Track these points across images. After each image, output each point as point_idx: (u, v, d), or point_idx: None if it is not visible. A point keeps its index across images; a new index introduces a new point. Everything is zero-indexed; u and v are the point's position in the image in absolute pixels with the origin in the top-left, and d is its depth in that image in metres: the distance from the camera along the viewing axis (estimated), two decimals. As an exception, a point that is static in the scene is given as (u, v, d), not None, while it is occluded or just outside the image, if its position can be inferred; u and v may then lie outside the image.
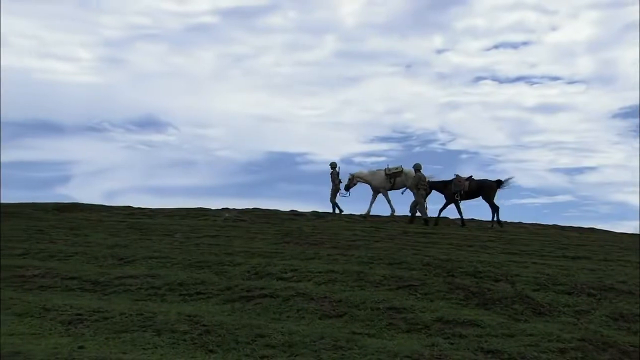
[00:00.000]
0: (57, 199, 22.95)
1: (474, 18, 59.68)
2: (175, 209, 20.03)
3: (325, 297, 7.87)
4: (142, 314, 7.00)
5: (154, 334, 6.42)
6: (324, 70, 65.70)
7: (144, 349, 6.00)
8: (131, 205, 21.22)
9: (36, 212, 17.19)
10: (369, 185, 21.07)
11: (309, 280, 8.98)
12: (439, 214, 18.97)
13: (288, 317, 7.30)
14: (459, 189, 18.53)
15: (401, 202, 32.85)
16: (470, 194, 18.70)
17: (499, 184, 18.65)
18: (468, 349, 6.12)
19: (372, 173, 21.12)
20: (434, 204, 20.70)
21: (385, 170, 20.69)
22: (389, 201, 20.89)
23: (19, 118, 64.42)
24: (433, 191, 19.26)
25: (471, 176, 18.95)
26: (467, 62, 57.26)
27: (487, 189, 18.59)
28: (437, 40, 61.94)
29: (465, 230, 16.70)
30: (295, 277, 9.15)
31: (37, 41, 63.28)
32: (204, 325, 6.60)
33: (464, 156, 53.23)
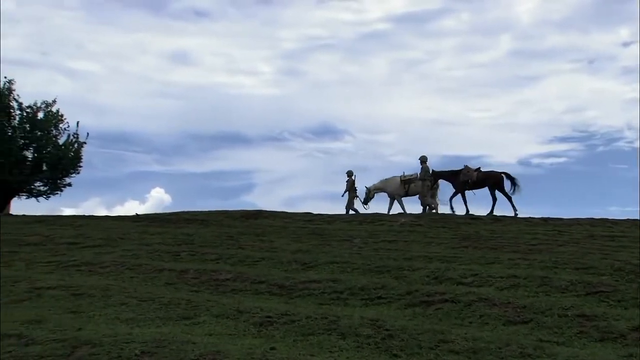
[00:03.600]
0: (242, 206, 24.49)
1: (668, 5, 54.86)
2: (352, 215, 20.49)
3: (509, 303, 7.66)
4: (326, 318, 7.23)
5: (339, 337, 6.61)
6: (498, 71, 63.99)
7: (330, 351, 6.20)
8: (311, 211, 22.09)
9: (226, 219, 18.38)
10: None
11: (491, 285, 8.80)
12: (465, 204, 20.38)
13: (471, 322, 7.21)
14: (467, 179, 19.84)
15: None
16: (477, 184, 20.06)
17: (507, 176, 19.86)
18: (671, 361, 5.66)
19: (386, 180, 22.28)
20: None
21: (400, 177, 21.65)
22: (402, 207, 21.71)
23: (210, 131, 69.59)
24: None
25: (479, 168, 20.42)
26: (659, 53, 52.84)
27: (492, 180, 19.88)
28: (624, 33, 57.84)
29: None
30: (476, 282, 9.00)
31: (226, 58, 68.11)
32: (386, 330, 6.69)
33: (655, 154, 49.09)
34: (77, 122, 30.78)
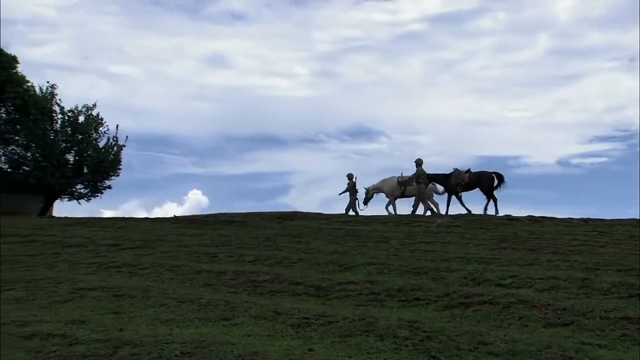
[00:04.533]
0: (278, 207, 24.65)
1: None
2: (389, 216, 20.43)
3: (549, 305, 7.56)
4: (364, 319, 7.23)
5: (377, 338, 6.61)
6: (535, 70, 63.11)
7: (368, 353, 6.20)
8: (346, 212, 22.15)
9: (262, 221, 18.47)
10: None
11: (530, 287, 8.68)
12: (447, 207, 21.03)
13: (510, 324, 7.13)
14: (459, 182, 20.34)
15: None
16: (469, 185, 20.51)
17: (497, 175, 20.42)
18: None
19: (384, 181, 23.00)
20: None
21: (398, 178, 22.21)
22: (394, 208, 22.53)
23: (246, 133, 70.23)
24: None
25: (469, 169, 20.79)
26: None
27: (484, 180, 20.34)
28: (665, 30, 56.25)
29: None
30: (514, 284, 8.90)
31: (261, 60, 68.75)
32: (424, 331, 6.67)
33: (699, 154, 47.89)
34: (117, 126, 31.43)
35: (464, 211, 20.52)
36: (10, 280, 10.47)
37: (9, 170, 29.60)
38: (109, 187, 31.75)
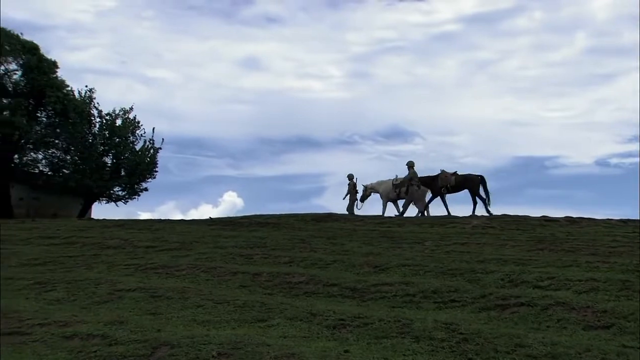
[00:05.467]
0: (313, 209, 24.81)
1: None
2: (421, 218, 20.31)
3: (588, 307, 7.44)
4: (399, 321, 7.22)
5: (413, 340, 6.59)
6: (573, 69, 62.09)
7: (404, 355, 6.19)
8: (381, 214, 22.09)
9: (297, 222, 18.52)
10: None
11: (568, 289, 8.56)
12: (427, 206, 21.36)
13: (548, 327, 7.04)
14: (445, 184, 20.52)
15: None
16: (456, 188, 20.70)
17: (482, 179, 20.68)
18: None
19: (380, 183, 23.32)
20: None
21: (393, 180, 22.35)
22: (384, 210, 22.62)
23: (281, 136, 70.58)
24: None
25: (456, 171, 20.96)
26: None
27: (471, 183, 20.56)
28: None
29: None
30: (552, 285, 8.78)
31: (296, 63, 69.05)
32: (461, 333, 6.63)
33: None
34: (153, 129, 31.88)
35: (445, 213, 20.78)
36: (52, 281, 10.69)
37: (49, 173, 30.21)
38: (146, 189, 32.20)
